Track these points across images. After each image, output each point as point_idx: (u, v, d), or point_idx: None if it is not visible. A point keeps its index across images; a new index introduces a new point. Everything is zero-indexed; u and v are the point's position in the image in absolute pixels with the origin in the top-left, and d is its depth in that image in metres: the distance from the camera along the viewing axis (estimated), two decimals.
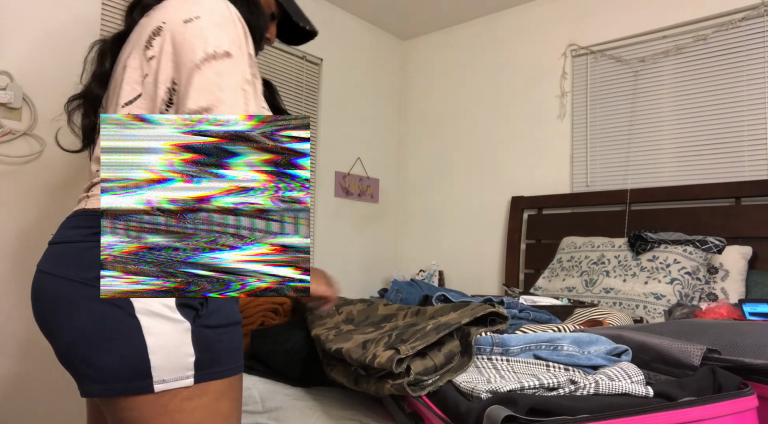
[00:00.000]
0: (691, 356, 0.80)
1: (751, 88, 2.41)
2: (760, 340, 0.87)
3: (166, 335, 0.76)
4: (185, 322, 0.78)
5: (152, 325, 0.76)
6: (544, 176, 3.01)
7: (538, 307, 1.56)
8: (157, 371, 0.76)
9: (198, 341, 0.79)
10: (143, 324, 0.76)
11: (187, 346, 0.78)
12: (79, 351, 0.77)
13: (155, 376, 0.76)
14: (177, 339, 0.77)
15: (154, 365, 0.76)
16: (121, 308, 0.76)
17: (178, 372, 0.77)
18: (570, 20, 2.98)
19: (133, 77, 0.86)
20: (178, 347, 0.77)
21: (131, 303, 0.76)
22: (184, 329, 0.78)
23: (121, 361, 0.75)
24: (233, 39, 0.83)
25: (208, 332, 0.80)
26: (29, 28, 2.02)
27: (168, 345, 0.76)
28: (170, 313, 0.77)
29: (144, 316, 0.76)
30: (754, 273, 2.17)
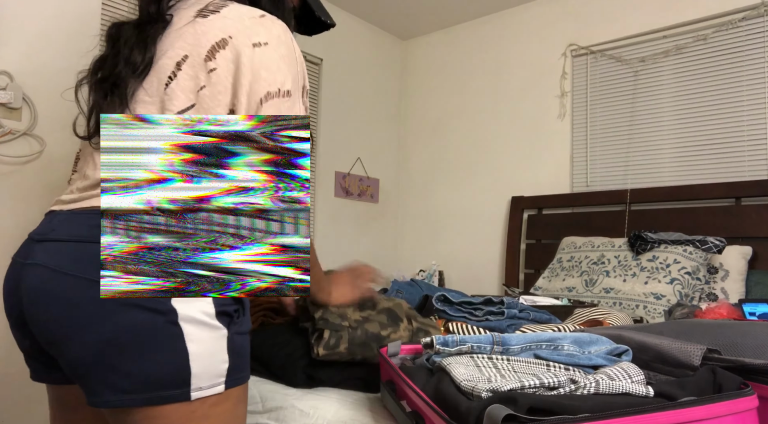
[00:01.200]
0: (691, 356, 0.80)
1: (751, 88, 2.41)
2: (760, 340, 0.87)
3: (206, 342, 0.77)
4: (223, 329, 0.79)
5: (193, 332, 0.76)
6: (544, 176, 3.01)
7: (538, 307, 1.56)
8: (196, 378, 0.76)
9: (231, 347, 0.80)
10: (185, 331, 0.75)
11: (224, 353, 0.79)
12: (109, 359, 0.74)
13: (194, 383, 0.76)
14: (215, 346, 0.78)
15: (194, 373, 0.76)
16: (163, 315, 0.74)
17: (213, 379, 0.78)
18: (570, 20, 2.98)
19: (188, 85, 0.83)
20: (215, 355, 0.78)
21: (175, 310, 0.75)
22: (221, 336, 0.78)
23: (161, 369, 0.74)
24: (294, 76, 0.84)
25: (239, 338, 0.82)
26: (29, 28, 2.02)
27: (207, 352, 0.77)
28: (210, 320, 0.77)
29: (186, 323, 0.75)
30: (754, 273, 2.17)
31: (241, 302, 0.84)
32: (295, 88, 0.84)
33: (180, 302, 0.75)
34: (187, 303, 0.76)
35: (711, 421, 0.67)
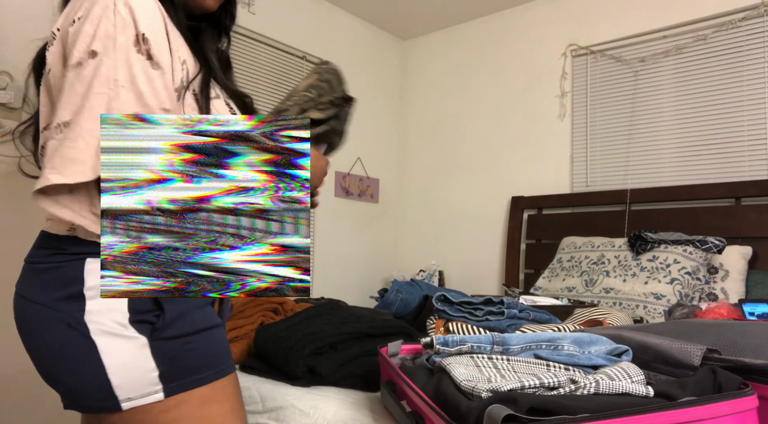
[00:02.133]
0: (692, 356, 0.80)
1: (751, 88, 2.41)
2: (760, 340, 0.87)
3: (122, 353, 0.75)
4: (140, 337, 0.76)
5: (107, 344, 0.75)
6: (544, 176, 3.01)
7: (538, 307, 1.56)
8: (120, 389, 0.75)
9: (160, 354, 0.77)
10: (99, 345, 0.75)
11: (147, 361, 0.76)
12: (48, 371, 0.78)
13: (120, 394, 0.75)
14: (135, 356, 0.75)
15: (115, 385, 0.75)
16: (76, 330, 0.75)
17: (143, 388, 0.76)
18: (570, 20, 2.98)
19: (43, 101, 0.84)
20: (137, 364, 0.75)
21: (86, 324, 0.75)
22: (141, 345, 0.76)
23: (84, 382, 0.75)
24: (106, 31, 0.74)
25: (171, 343, 0.78)
26: (29, 28, 2.02)
27: (126, 363, 0.75)
28: (123, 331, 0.75)
29: (99, 337, 0.75)
30: (754, 273, 2.17)
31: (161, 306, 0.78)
32: (107, 43, 0.73)
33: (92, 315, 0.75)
34: (99, 315, 0.75)
35: (711, 421, 0.67)
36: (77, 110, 0.72)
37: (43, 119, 0.84)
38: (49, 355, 0.77)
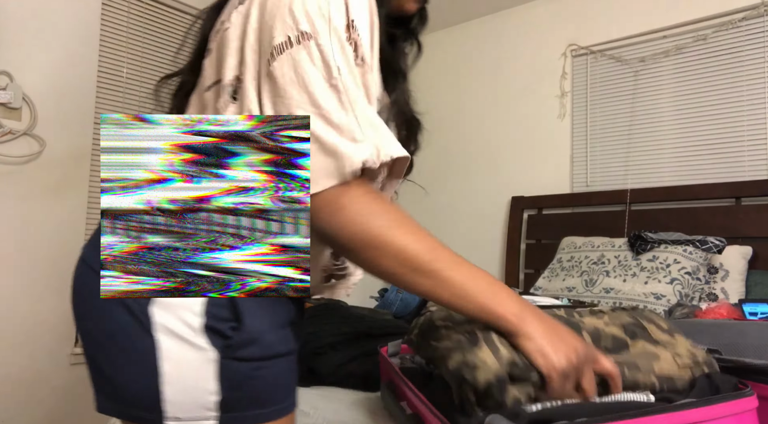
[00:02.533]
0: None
1: (751, 88, 2.41)
2: (760, 340, 0.88)
3: (185, 363, 0.62)
4: (210, 350, 0.63)
5: (172, 348, 0.62)
6: (544, 176, 3.01)
7: (538, 307, 1.56)
8: (170, 405, 0.62)
9: (227, 376, 0.63)
10: (161, 346, 0.62)
11: (210, 381, 0.63)
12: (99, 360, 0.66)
13: (168, 411, 0.62)
14: (198, 371, 0.62)
15: (166, 398, 0.62)
16: (137, 319, 0.63)
17: (195, 411, 0.63)
18: (570, 20, 2.98)
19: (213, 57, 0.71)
20: (198, 382, 0.62)
21: (149, 315, 0.62)
22: (207, 360, 0.63)
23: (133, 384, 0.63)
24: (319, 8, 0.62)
25: (242, 366, 0.64)
26: (29, 28, 2.02)
27: (186, 377, 0.62)
28: (192, 336, 0.62)
29: (162, 335, 0.62)
30: (754, 273, 2.17)
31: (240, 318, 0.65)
32: (321, 25, 0.61)
33: (159, 307, 0.63)
34: (166, 310, 0.63)
35: (711, 422, 0.67)
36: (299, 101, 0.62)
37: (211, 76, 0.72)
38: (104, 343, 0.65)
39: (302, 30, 0.61)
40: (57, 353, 2.07)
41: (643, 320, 0.79)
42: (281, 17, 0.62)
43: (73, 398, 2.11)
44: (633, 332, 0.76)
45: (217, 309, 0.64)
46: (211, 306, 0.64)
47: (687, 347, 0.76)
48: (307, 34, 0.61)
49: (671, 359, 0.71)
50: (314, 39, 0.61)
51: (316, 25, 0.61)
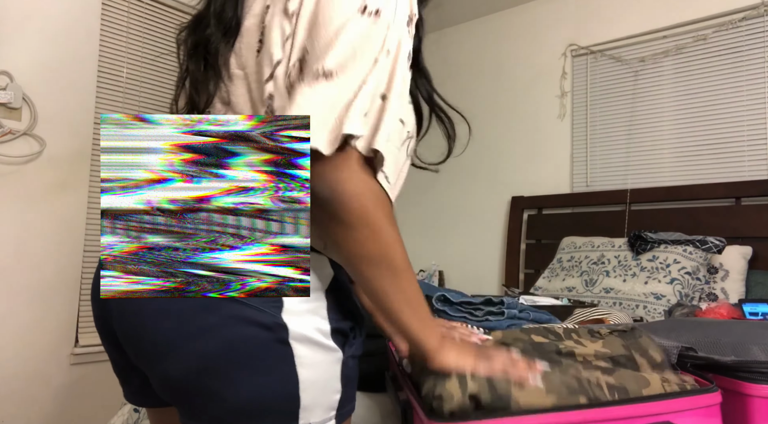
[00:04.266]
0: (670, 355, 0.83)
1: (751, 88, 2.41)
2: (740, 338, 0.91)
3: (320, 367, 0.63)
4: (338, 351, 0.65)
5: (306, 354, 0.62)
6: (544, 176, 3.01)
7: (538, 307, 1.56)
8: (306, 411, 0.62)
9: (345, 374, 0.67)
10: (296, 353, 0.62)
11: (337, 380, 0.65)
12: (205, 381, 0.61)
13: (302, 418, 0.62)
14: (330, 372, 0.64)
15: (304, 405, 0.62)
16: (270, 330, 0.61)
17: (325, 413, 0.64)
18: (570, 20, 2.98)
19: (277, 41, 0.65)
20: (329, 383, 0.64)
21: (285, 326, 0.62)
22: (336, 360, 0.65)
23: (263, 398, 0.61)
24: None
25: (351, 362, 0.68)
26: (29, 28, 2.02)
27: (320, 380, 0.63)
28: (325, 340, 0.64)
29: (298, 343, 0.62)
30: (754, 273, 2.17)
31: (357, 319, 0.70)
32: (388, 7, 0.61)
33: (292, 317, 0.63)
34: (299, 318, 0.63)
35: (673, 415, 0.71)
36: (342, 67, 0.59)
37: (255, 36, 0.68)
38: (221, 358, 0.61)
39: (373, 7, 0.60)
40: (57, 353, 2.07)
41: (637, 352, 0.81)
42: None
43: (73, 398, 2.11)
44: (624, 365, 0.79)
45: (338, 312, 0.67)
46: (333, 308, 0.66)
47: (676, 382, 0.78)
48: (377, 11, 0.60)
49: (660, 386, 0.74)
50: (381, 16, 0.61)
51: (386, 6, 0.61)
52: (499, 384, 0.68)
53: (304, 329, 0.63)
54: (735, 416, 0.79)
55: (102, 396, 2.19)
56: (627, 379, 0.74)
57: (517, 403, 0.67)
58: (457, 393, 0.66)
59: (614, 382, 0.73)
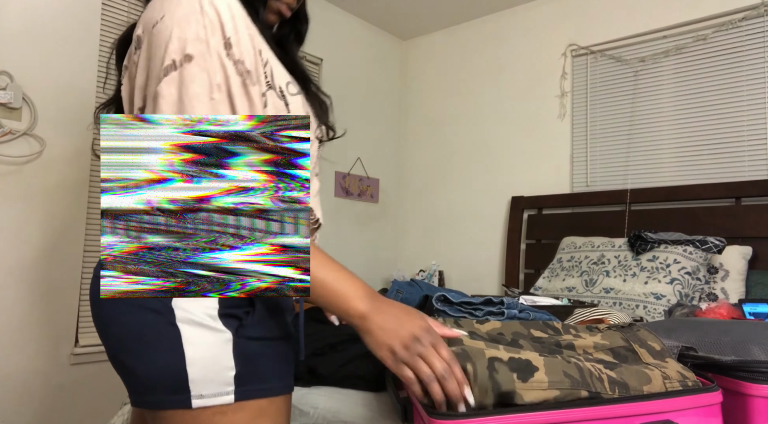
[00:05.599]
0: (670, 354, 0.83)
1: (751, 88, 2.41)
2: (739, 337, 0.91)
3: (206, 345, 0.72)
4: (227, 332, 0.73)
5: (192, 334, 0.72)
6: (544, 176, 3.01)
7: (538, 307, 1.56)
8: (195, 384, 0.71)
9: (241, 353, 0.74)
10: (183, 333, 0.71)
11: (228, 359, 0.73)
12: (121, 358, 0.74)
13: (193, 390, 0.71)
14: (217, 351, 0.72)
15: (192, 378, 0.71)
16: (161, 315, 0.72)
17: (218, 387, 0.72)
18: (570, 20, 2.98)
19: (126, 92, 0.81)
20: (218, 360, 0.72)
21: (173, 310, 0.72)
22: (225, 340, 0.73)
23: (158, 372, 0.71)
24: (197, 34, 0.71)
25: (252, 344, 0.75)
26: (29, 28, 2.02)
27: (208, 357, 0.72)
28: (212, 322, 0.73)
29: (185, 324, 0.72)
30: (754, 273, 2.17)
31: (253, 305, 0.77)
32: (200, 47, 0.71)
33: (181, 302, 0.73)
34: (187, 303, 0.73)
35: (674, 414, 0.71)
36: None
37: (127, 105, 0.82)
38: (126, 340, 0.73)
39: (186, 53, 0.71)
40: (57, 353, 2.07)
41: (636, 343, 0.82)
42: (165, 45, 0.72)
43: (73, 398, 2.11)
44: (625, 356, 0.79)
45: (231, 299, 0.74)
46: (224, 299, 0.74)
47: (677, 370, 0.78)
48: (189, 56, 0.71)
49: (661, 383, 0.74)
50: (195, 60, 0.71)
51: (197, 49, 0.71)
52: (503, 379, 0.68)
53: (191, 312, 0.72)
54: (735, 416, 0.79)
55: (102, 396, 2.19)
56: (628, 375, 0.74)
57: (522, 398, 0.69)
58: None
59: (615, 376, 0.73)
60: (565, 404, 0.69)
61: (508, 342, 0.82)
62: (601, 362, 0.77)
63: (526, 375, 0.70)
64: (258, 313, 0.76)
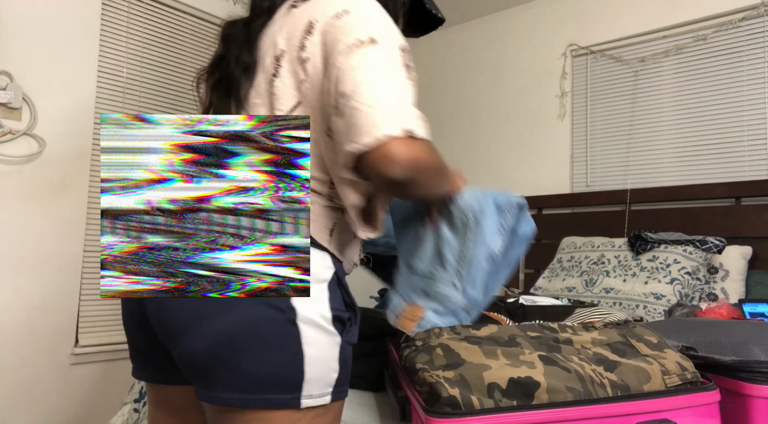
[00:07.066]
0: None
1: (751, 88, 2.41)
2: (739, 338, 0.91)
3: (322, 347, 0.73)
4: (337, 335, 0.76)
5: (311, 335, 0.73)
6: (544, 176, 3.01)
7: (539, 307, 1.56)
8: (308, 384, 0.72)
9: (343, 357, 0.76)
10: (303, 333, 0.72)
11: (335, 361, 0.75)
12: (225, 354, 0.71)
13: (305, 389, 0.72)
14: (329, 353, 0.74)
15: (307, 378, 0.72)
16: (282, 312, 0.72)
17: (324, 388, 0.74)
18: (570, 20, 2.98)
19: (291, 82, 0.80)
20: (328, 362, 0.74)
21: (294, 309, 0.72)
22: (335, 343, 0.75)
23: (275, 369, 0.71)
24: (382, 28, 0.76)
25: (349, 348, 0.78)
26: (29, 28, 2.02)
27: (323, 358, 0.73)
28: (326, 324, 0.74)
29: (304, 324, 0.72)
30: (754, 273, 2.17)
31: (354, 311, 0.80)
32: (386, 38, 0.75)
33: (299, 301, 0.73)
34: (306, 303, 0.73)
35: (672, 412, 0.71)
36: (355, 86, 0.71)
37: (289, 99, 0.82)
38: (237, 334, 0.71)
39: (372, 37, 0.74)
40: (57, 353, 2.07)
41: (632, 338, 0.83)
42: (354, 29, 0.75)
43: (73, 398, 2.11)
44: (623, 350, 0.80)
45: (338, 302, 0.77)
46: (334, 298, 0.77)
47: (676, 360, 0.78)
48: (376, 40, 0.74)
49: (661, 380, 0.74)
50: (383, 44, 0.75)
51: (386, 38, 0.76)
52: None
53: (310, 313, 0.73)
54: (735, 416, 0.79)
55: (102, 396, 2.19)
56: (629, 374, 0.74)
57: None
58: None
59: (616, 379, 0.73)
60: (561, 403, 0.69)
61: (506, 341, 0.82)
62: (601, 361, 0.77)
63: (527, 400, 0.70)
64: (358, 318, 0.80)
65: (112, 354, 2.23)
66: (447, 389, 0.71)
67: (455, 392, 0.71)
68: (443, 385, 0.72)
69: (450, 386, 0.71)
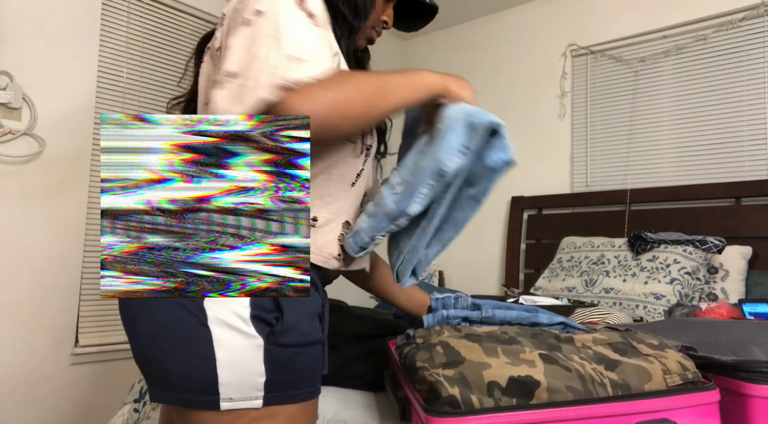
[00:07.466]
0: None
1: (751, 88, 2.41)
2: (738, 338, 0.91)
3: (237, 349, 0.71)
4: (258, 338, 0.72)
5: (224, 337, 0.71)
6: (544, 176, 3.01)
7: (539, 307, 1.56)
8: (224, 387, 0.71)
9: (270, 360, 0.73)
10: (214, 335, 0.71)
11: (258, 364, 0.72)
12: (150, 354, 0.74)
13: (222, 393, 0.71)
14: (248, 356, 0.72)
15: (222, 382, 0.71)
16: (193, 315, 0.71)
17: (247, 392, 0.72)
18: (570, 20, 2.98)
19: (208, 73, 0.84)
20: (248, 365, 0.72)
21: (204, 311, 0.72)
22: (255, 346, 0.72)
23: (189, 371, 0.71)
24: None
25: (282, 351, 0.74)
26: (29, 28, 2.02)
27: (238, 361, 0.71)
28: (243, 326, 0.72)
29: (216, 326, 0.71)
30: (754, 273, 2.17)
31: (281, 310, 0.75)
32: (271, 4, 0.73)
33: (213, 302, 0.72)
34: (219, 304, 0.72)
35: (672, 412, 0.71)
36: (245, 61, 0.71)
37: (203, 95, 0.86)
38: (157, 337, 0.73)
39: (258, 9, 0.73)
40: (57, 353, 2.07)
41: (633, 340, 0.83)
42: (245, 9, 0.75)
43: (73, 398, 2.11)
44: (624, 350, 0.80)
45: (262, 301, 0.74)
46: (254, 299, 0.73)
47: (677, 360, 0.78)
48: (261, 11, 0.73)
49: (662, 379, 0.74)
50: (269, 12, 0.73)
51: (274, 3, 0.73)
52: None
53: (222, 314, 0.72)
54: (735, 416, 0.79)
55: (102, 396, 2.19)
56: (630, 373, 0.74)
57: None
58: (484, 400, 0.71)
59: (617, 378, 0.73)
60: (561, 403, 0.69)
61: (506, 339, 0.82)
62: (602, 360, 0.77)
63: (527, 399, 0.70)
64: (287, 320, 0.75)
65: (112, 354, 2.23)
66: (447, 388, 0.71)
67: (455, 391, 0.70)
68: (443, 384, 0.72)
69: (450, 385, 0.71)
